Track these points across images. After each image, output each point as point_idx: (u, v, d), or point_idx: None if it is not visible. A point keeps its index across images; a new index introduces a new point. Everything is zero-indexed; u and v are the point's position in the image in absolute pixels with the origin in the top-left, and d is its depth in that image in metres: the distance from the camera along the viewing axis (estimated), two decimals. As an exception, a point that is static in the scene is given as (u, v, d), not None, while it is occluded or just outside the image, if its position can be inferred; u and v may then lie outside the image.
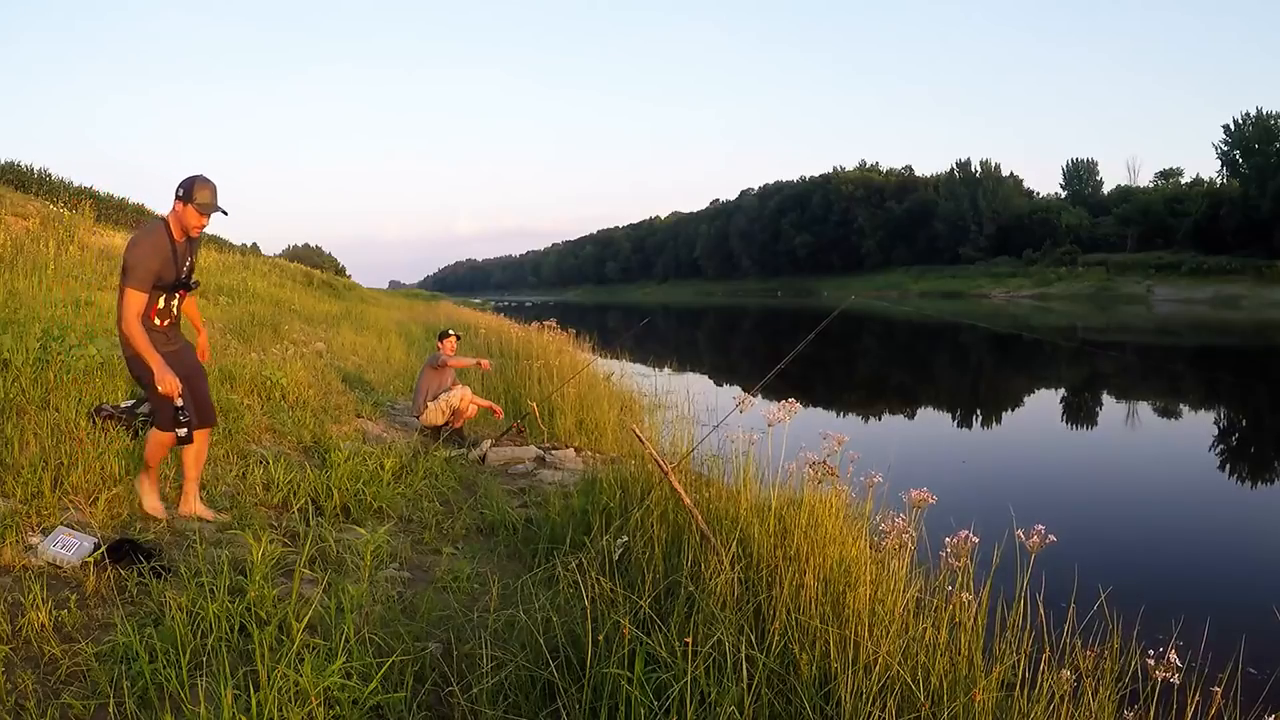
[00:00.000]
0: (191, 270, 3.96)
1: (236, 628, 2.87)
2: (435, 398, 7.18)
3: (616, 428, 7.86)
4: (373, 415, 7.87)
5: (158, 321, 3.85)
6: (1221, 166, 69.82)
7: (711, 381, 16.84)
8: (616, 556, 3.27)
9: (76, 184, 22.93)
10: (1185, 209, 68.45)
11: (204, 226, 3.83)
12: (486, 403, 7.50)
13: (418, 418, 7.27)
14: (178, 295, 3.92)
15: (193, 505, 4.16)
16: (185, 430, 3.83)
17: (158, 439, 3.96)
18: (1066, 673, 2.37)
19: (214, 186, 3.79)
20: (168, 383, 3.68)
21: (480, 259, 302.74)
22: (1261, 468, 9.36)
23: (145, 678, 2.54)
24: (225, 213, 3.84)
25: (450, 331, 7.75)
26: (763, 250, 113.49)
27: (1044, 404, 14.55)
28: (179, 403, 3.77)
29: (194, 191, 3.72)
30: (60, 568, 3.30)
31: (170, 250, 3.77)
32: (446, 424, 7.18)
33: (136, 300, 3.70)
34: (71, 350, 5.83)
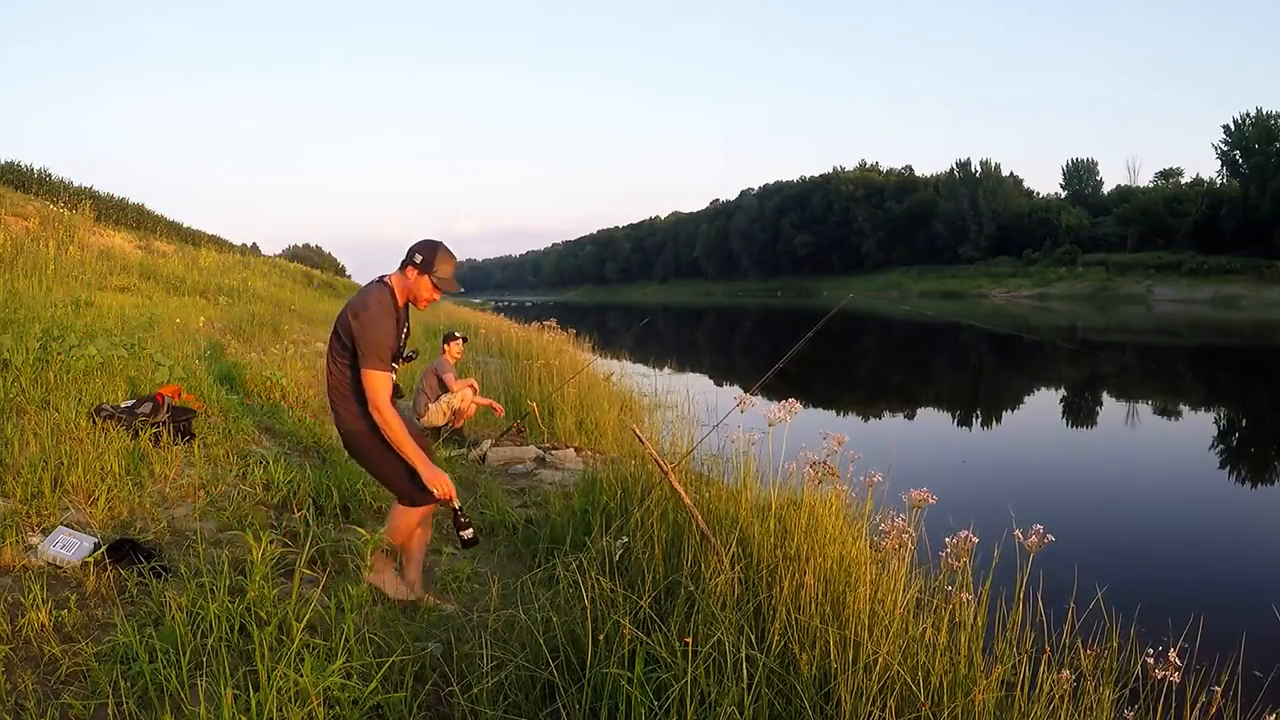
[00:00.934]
0: (409, 337, 3.54)
1: (236, 628, 2.87)
2: (436, 399, 7.17)
3: (616, 428, 7.86)
4: (373, 415, 7.86)
5: None
6: (1221, 166, 69.96)
7: (711, 381, 16.83)
8: (617, 557, 3.27)
9: (76, 184, 22.94)
10: (1185, 209, 68.50)
11: (436, 301, 3.46)
12: (486, 401, 7.49)
13: (419, 419, 7.26)
14: (395, 367, 3.45)
15: (415, 578, 3.64)
16: (470, 532, 3.37)
17: (408, 517, 3.47)
18: (1066, 673, 2.37)
19: (455, 259, 3.42)
20: (441, 485, 3.30)
21: (480, 259, 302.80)
22: (1261, 468, 9.36)
23: (145, 678, 2.54)
24: (462, 290, 3.50)
25: (456, 334, 7.71)
26: (763, 250, 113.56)
27: (1044, 404, 14.55)
28: (456, 504, 3.34)
29: (437, 264, 3.31)
30: (60, 568, 3.30)
31: (397, 320, 3.33)
32: (447, 424, 7.18)
33: (384, 382, 3.24)
34: (71, 350, 5.83)
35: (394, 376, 3.38)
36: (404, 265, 3.36)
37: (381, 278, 3.41)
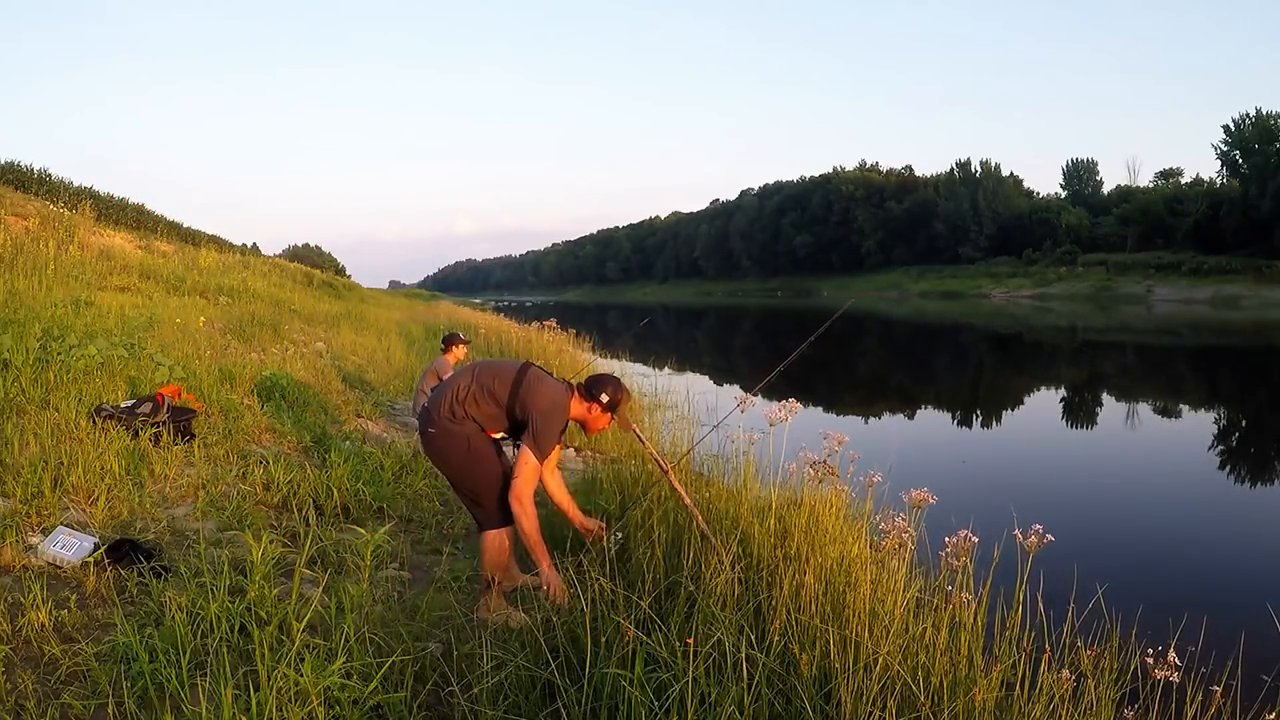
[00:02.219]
0: None
1: (236, 628, 2.87)
2: None
3: (616, 428, 7.86)
4: (373, 415, 7.87)
5: (493, 435, 3.54)
6: (1221, 166, 69.86)
7: (711, 381, 16.83)
8: (613, 551, 3.27)
9: (76, 184, 22.92)
10: (1185, 209, 68.43)
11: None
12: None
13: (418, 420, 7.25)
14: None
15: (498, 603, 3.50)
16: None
17: (498, 542, 3.49)
18: (1066, 673, 2.37)
19: (630, 396, 3.65)
20: (561, 592, 3.29)
21: (480, 259, 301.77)
22: (1261, 467, 9.35)
23: (145, 678, 2.54)
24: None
25: (459, 336, 7.70)
26: (763, 250, 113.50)
27: (1044, 404, 14.54)
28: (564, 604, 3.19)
29: (620, 404, 3.52)
30: (60, 568, 3.30)
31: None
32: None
33: (535, 474, 3.38)
34: (71, 350, 5.84)
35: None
36: (588, 398, 3.50)
37: (572, 386, 3.55)
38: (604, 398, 3.48)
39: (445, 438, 3.45)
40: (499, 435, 3.57)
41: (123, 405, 5.14)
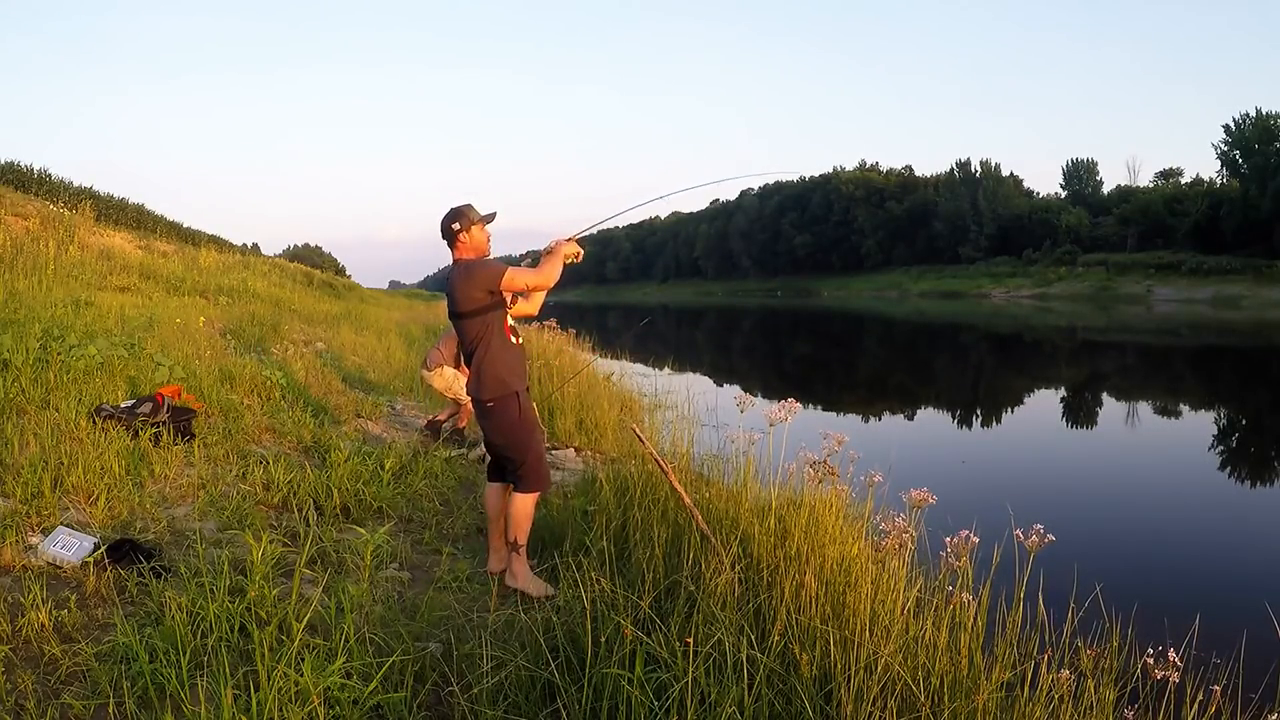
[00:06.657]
0: None
1: (236, 628, 2.87)
2: (439, 366, 6.99)
3: (616, 428, 7.85)
4: (373, 415, 7.87)
5: (513, 339, 3.77)
6: (1221, 166, 69.80)
7: (711, 381, 16.82)
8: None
9: (76, 184, 22.91)
10: (1185, 209, 68.43)
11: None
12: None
13: (426, 370, 7.04)
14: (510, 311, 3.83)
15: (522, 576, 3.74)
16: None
17: (527, 505, 3.73)
18: (1066, 673, 2.37)
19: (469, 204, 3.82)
20: (574, 248, 3.80)
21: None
22: (1261, 467, 9.35)
23: (145, 678, 2.54)
24: (495, 213, 3.85)
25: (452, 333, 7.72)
26: (763, 250, 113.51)
27: (1044, 404, 14.54)
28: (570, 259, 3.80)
29: (470, 212, 3.70)
30: (60, 568, 3.30)
31: None
32: (448, 421, 7.18)
33: (523, 271, 3.71)
34: (71, 350, 5.84)
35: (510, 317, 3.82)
36: (456, 241, 3.71)
37: (454, 262, 3.76)
38: (456, 226, 3.68)
39: (502, 405, 3.69)
40: (513, 321, 3.86)
41: (123, 405, 5.14)
